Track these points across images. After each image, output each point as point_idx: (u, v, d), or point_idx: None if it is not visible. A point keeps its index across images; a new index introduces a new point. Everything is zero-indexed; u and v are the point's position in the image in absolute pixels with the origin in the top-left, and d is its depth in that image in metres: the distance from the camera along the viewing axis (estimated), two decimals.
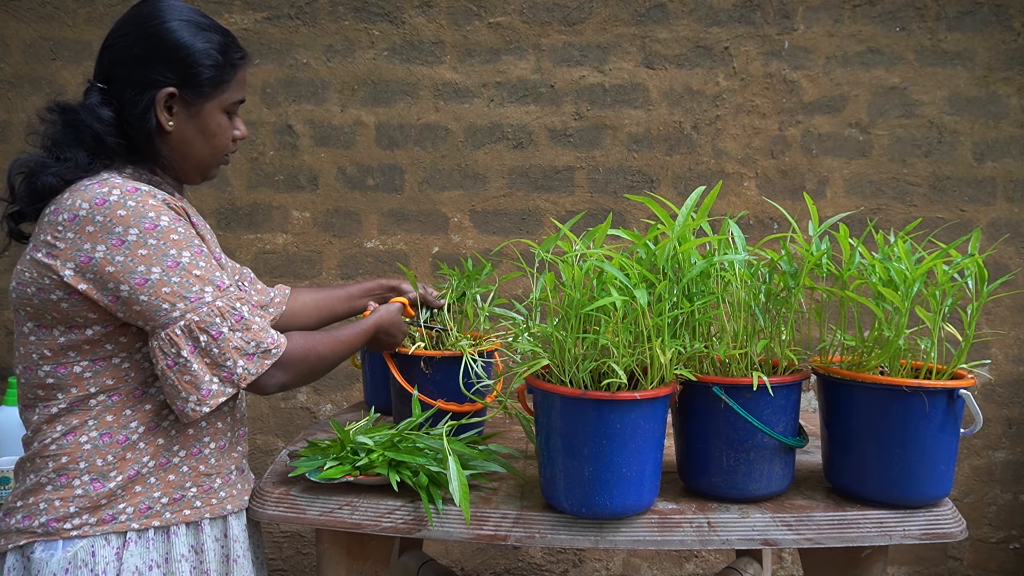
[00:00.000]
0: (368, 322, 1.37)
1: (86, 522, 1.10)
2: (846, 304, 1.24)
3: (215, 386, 1.09)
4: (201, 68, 1.16)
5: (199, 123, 1.19)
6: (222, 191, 2.53)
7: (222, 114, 1.21)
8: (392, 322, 1.42)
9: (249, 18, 2.48)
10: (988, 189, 2.48)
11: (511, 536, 1.18)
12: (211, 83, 1.17)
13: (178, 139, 1.18)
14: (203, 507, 1.19)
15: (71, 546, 1.09)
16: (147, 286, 1.07)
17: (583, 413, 1.10)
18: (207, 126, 1.19)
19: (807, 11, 2.45)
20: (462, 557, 2.62)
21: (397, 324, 1.43)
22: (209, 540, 1.20)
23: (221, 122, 1.21)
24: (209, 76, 1.17)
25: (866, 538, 1.17)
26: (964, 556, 2.59)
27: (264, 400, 2.59)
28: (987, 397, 2.53)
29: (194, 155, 1.21)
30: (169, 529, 1.16)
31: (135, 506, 1.13)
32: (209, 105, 1.19)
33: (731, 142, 2.49)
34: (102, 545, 1.11)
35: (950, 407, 1.16)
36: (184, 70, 1.15)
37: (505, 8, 2.47)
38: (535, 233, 2.53)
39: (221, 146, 1.23)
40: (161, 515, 1.15)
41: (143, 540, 1.14)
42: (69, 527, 1.10)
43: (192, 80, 1.16)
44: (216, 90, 1.18)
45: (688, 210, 1.18)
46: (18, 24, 2.47)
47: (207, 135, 1.20)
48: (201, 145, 1.21)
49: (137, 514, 1.13)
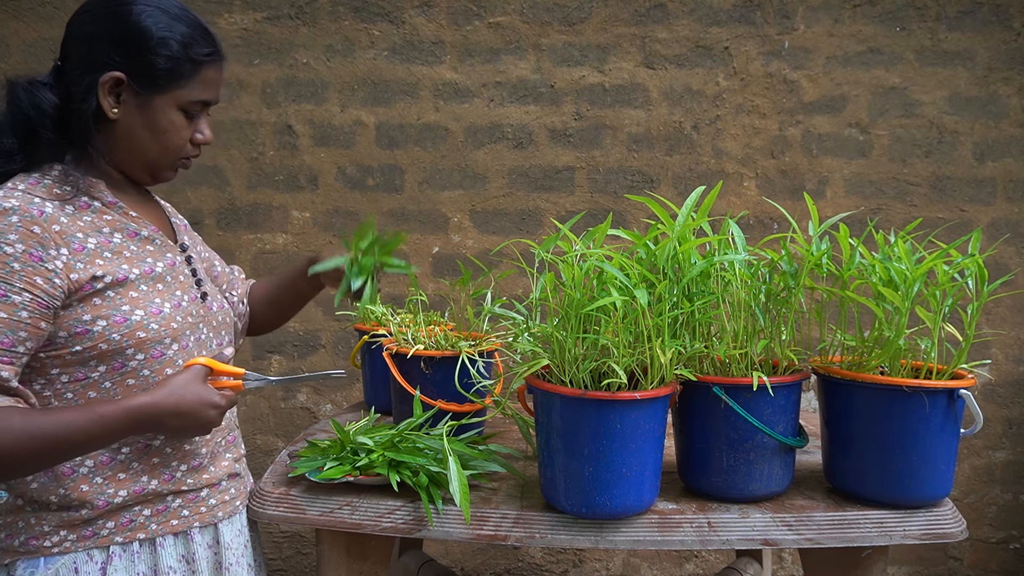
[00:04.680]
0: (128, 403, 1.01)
1: (66, 538, 1.07)
2: (846, 304, 1.24)
3: None
4: (155, 57, 1.07)
5: (147, 117, 1.09)
6: (222, 191, 2.53)
7: (176, 111, 1.11)
8: (184, 396, 1.04)
9: (249, 18, 2.48)
10: (988, 189, 2.48)
11: (511, 536, 1.18)
12: (165, 76, 1.08)
13: (123, 130, 1.10)
14: (191, 515, 1.16)
15: (52, 563, 1.07)
16: None
17: (583, 413, 1.10)
18: (156, 121, 1.10)
19: (807, 11, 2.45)
20: (462, 557, 2.62)
21: (196, 398, 1.05)
22: (200, 549, 1.16)
23: (174, 119, 1.11)
24: (164, 68, 1.07)
25: (866, 538, 1.17)
26: (964, 556, 2.59)
27: (264, 400, 2.59)
28: (987, 397, 2.53)
29: (140, 151, 1.12)
30: (155, 540, 1.13)
31: (116, 520, 1.10)
32: (161, 99, 1.09)
33: (731, 142, 2.49)
34: (84, 561, 1.08)
35: (950, 407, 1.16)
36: (135, 56, 1.06)
37: (505, 8, 2.47)
38: (535, 233, 2.53)
39: (173, 146, 1.13)
40: (146, 527, 1.12)
41: (128, 554, 1.10)
42: (49, 544, 1.07)
43: (143, 68, 1.07)
44: (171, 84, 1.09)
45: (688, 210, 1.18)
46: (18, 24, 2.47)
47: (156, 131, 1.10)
48: (148, 141, 1.11)
49: (119, 528, 1.10)
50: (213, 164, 2.51)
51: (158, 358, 1.10)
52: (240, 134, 2.51)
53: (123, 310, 1.07)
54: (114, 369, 1.08)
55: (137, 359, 1.09)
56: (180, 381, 1.04)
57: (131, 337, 1.07)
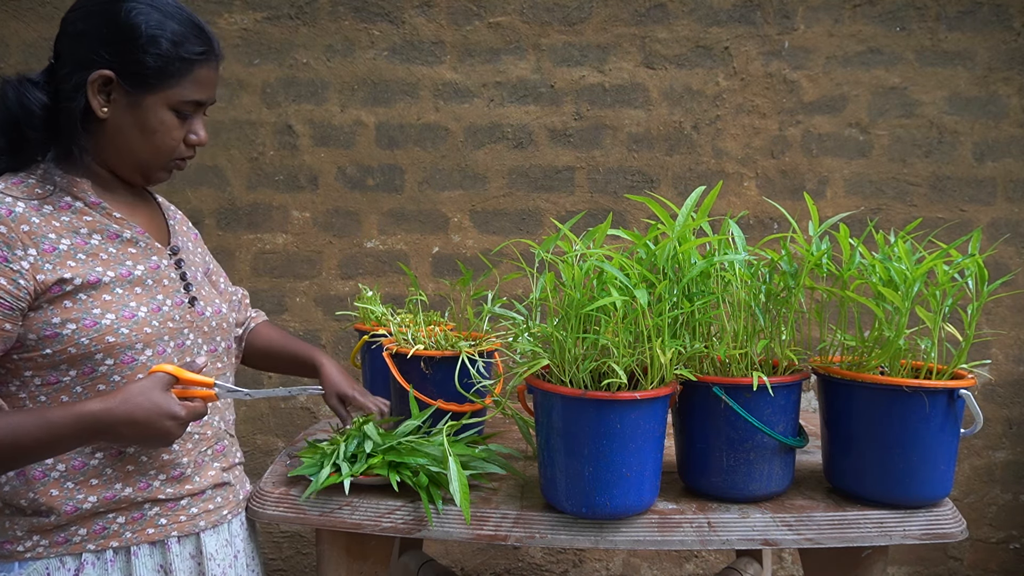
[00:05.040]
0: (79, 409, 0.97)
1: (38, 543, 1.06)
2: (846, 304, 1.24)
3: None
4: (144, 56, 1.04)
5: (137, 116, 1.07)
6: (222, 191, 2.53)
7: (167, 111, 1.08)
8: (141, 406, 0.99)
9: (249, 18, 2.48)
10: (988, 189, 2.48)
11: (511, 536, 1.18)
12: (155, 74, 1.05)
13: (113, 129, 1.08)
14: (169, 524, 1.13)
15: (26, 568, 1.06)
16: None
17: (583, 413, 1.10)
18: (147, 121, 1.08)
19: (807, 11, 2.45)
20: (462, 557, 2.62)
21: (154, 408, 0.99)
22: (178, 560, 1.13)
23: (165, 119, 1.09)
24: (153, 66, 1.05)
25: (866, 538, 1.17)
26: (964, 556, 2.59)
27: (264, 400, 2.59)
28: (987, 397, 2.53)
29: (129, 150, 1.10)
30: (130, 549, 1.10)
31: (88, 528, 1.08)
32: (152, 99, 1.07)
33: (731, 142, 2.49)
34: (57, 567, 1.06)
35: (950, 407, 1.16)
36: (124, 54, 1.04)
37: (505, 8, 2.47)
38: (535, 233, 2.53)
39: (164, 147, 1.10)
40: (120, 535, 1.09)
41: (101, 562, 1.08)
42: (22, 549, 1.06)
43: (132, 67, 1.05)
44: (161, 83, 1.06)
45: (688, 210, 1.18)
46: (18, 24, 2.47)
47: (146, 131, 1.08)
48: (139, 141, 1.09)
49: (92, 535, 1.08)
50: (213, 164, 2.51)
51: (129, 363, 1.08)
52: (240, 134, 2.51)
53: (94, 314, 1.05)
54: (84, 374, 1.06)
55: (107, 364, 1.06)
56: (137, 389, 0.99)
57: (100, 342, 1.05)
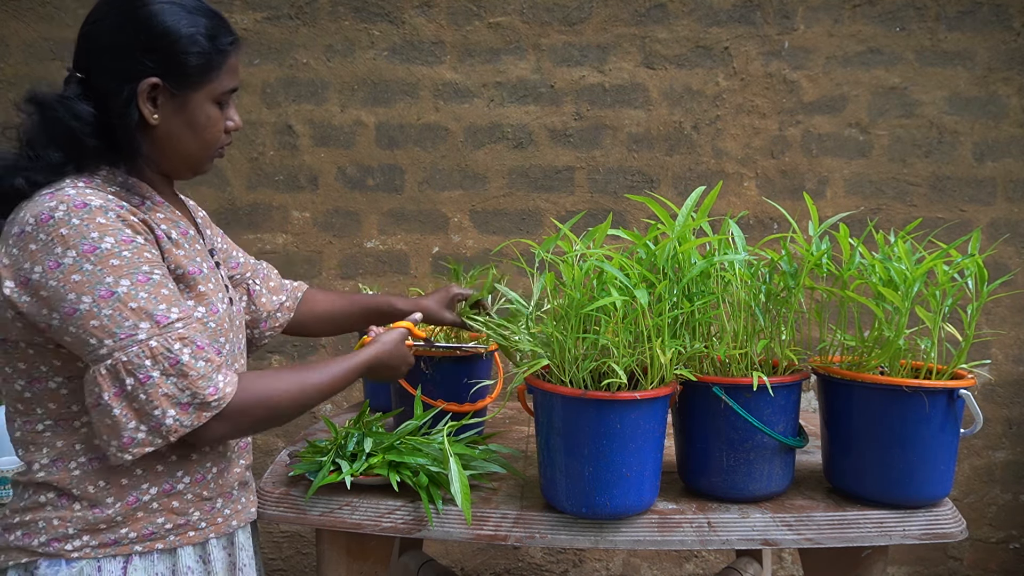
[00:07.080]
0: (363, 356, 1.24)
1: (87, 543, 1.06)
2: (846, 304, 1.24)
3: (141, 435, 0.98)
4: (187, 56, 1.05)
5: (187, 116, 1.09)
6: (222, 191, 2.53)
7: (212, 105, 1.10)
8: (393, 353, 1.28)
9: (249, 18, 2.48)
10: (988, 189, 2.48)
11: (511, 536, 1.18)
12: (198, 72, 1.07)
13: (164, 133, 1.09)
14: (208, 527, 1.15)
15: (76, 564, 1.06)
16: (75, 317, 0.96)
17: (583, 413, 1.10)
18: (196, 118, 1.09)
19: (807, 11, 2.45)
20: (462, 557, 2.62)
21: (400, 355, 1.30)
22: (216, 550, 1.17)
23: (211, 113, 1.10)
24: (196, 64, 1.06)
25: (866, 538, 1.17)
26: (964, 556, 2.59)
27: None
28: (987, 397, 2.53)
29: (182, 150, 1.11)
30: (175, 550, 1.12)
31: (137, 531, 1.09)
32: (197, 96, 1.08)
33: (731, 142, 2.49)
34: (107, 562, 1.07)
35: (950, 407, 1.16)
36: (168, 58, 1.04)
37: (505, 8, 2.47)
38: (535, 233, 2.53)
39: (212, 139, 1.12)
40: (165, 539, 1.11)
41: (148, 557, 1.10)
42: (70, 548, 1.06)
43: (177, 69, 1.05)
44: (204, 79, 1.08)
45: (688, 210, 1.18)
46: (18, 24, 2.47)
47: (196, 128, 1.10)
48: (190, 139, 1.10)
49: (140, 538, 1.09)
50: (213, 164, 2.51)
51: None
52: (240, 134, 2.51)
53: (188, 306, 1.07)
54: None
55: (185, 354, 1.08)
56: (391, 340, 1.28)
57: None
